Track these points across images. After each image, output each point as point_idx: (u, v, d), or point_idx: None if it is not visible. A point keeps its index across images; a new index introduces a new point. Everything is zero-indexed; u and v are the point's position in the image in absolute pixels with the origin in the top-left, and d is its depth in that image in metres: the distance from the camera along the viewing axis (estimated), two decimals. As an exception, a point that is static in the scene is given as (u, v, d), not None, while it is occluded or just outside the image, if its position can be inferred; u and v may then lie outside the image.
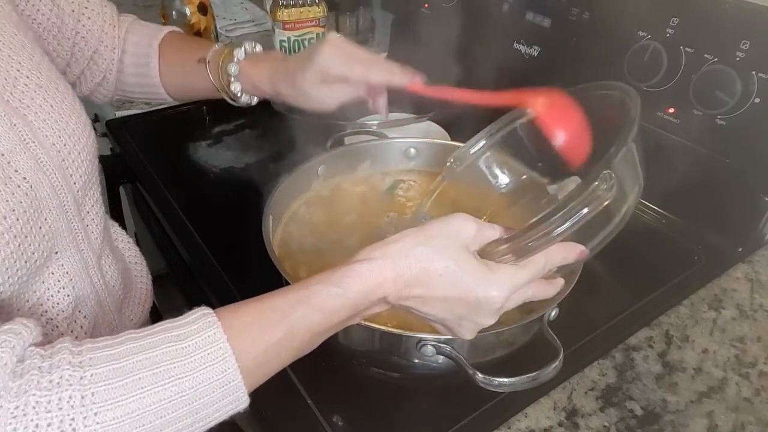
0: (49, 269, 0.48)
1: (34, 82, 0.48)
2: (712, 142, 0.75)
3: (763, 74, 0.69)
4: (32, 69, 0.49)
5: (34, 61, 0.50)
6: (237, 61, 0.67)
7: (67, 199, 0.48)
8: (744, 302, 0.69)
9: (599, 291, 0.69)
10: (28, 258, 0.44)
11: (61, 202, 0.48)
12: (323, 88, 0.63)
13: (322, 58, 0.61)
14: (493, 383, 0.49)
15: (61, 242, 0.49)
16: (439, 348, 0.51)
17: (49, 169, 0.46)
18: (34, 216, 0.44)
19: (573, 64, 0.86)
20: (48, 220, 0.46)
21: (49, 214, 0.46)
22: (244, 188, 0.89)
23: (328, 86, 0.64)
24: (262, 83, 0.68)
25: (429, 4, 1.14)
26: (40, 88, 0.49)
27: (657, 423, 0.55)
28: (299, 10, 1.15)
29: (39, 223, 0.45)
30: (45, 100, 0.48)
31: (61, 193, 0.48)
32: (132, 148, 0.95)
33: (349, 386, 0.59)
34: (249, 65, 0.68)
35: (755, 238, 0.77)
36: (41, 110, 0.48)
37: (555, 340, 0.52)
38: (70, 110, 0.51)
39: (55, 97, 0.49)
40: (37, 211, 0.45)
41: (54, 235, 0.47)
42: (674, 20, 0.76)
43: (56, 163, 0.47)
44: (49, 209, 0.46)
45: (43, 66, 0.51)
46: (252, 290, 0.67)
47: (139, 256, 0.68)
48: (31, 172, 0.44)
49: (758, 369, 0.61)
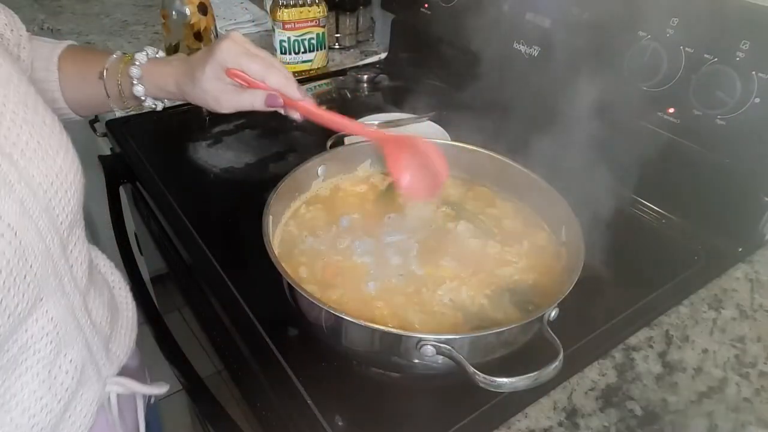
0: (33, 316, 0.46)
1: (20, 116, 0.45)
2: (712, 142, 0.75)
3: (763, 74, 0.69)
4: (18, 103, 0.46)
5: (21, 93, 0.47)
6: (139, 64, 0.66)
7: (53, 242, 0.46)
8: (744, 302, 0.69)
9: (599, 291, 0.69)
10: (11, 312, 0.42)
11: (47, 246, 0.45)
12: (219, 85, 0.62)
13: (221, 51, 0.60)
14: (493, 383, 0.49)
15: (47, 288, 0.46)
16: (439, 348, 0.51)
17: (35, 213, 0.44)
18: (18, 265, 0.42)
19: (573, 64, 0.86)
20: (33, 267, 0.43)
21: (34, 260, 0.43)
22: (244, 188, 0.89)
23: (224, 85, 0.62)
24: (167, 83, 0.66)
25: (429, 4, 1.14)
26: (27, 123, 0.46)
27: (657, 423, 0.55)
28: (299, 10, 1.15)
29: (24, 272, 0.42)
30: (32, 137, 0.45)
31: (47, 237, 0.45)
32: (132, 148, 0.95)
33: (349, 386, 0.59)
34: (152, 67, 0.66)
35: (755, 238, 0.77)
36: (27, 148, 0.45)
37: (555, 340, 0.52)
38: (57, 145, 0.48)
39: (41, 132, 0.47)
40: (22, 259, 0.42)
41: (39, 282, 0.45)
42: (674, 20, 0.76)
43: (42, 204, 0.45)
44: (35, 255, 0.43)
45: (29, 98, 0.48)
46: (252, 290, 0.68)
47: (123, 281, 0.66)
48: (16, 217, 0.42)
49: (758, 369, 0.61)
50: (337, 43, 1.38)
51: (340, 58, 1.35)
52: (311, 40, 1.20)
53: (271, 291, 0.60)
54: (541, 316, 0.53)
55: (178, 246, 0.77)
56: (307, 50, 1.21)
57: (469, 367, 0.49)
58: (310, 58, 1.22)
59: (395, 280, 0.63)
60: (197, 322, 0.73)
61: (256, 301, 0.66)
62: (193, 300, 0.75)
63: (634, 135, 0.77)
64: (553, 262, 0.67)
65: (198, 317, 0.73)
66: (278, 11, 1.15)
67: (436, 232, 0.71)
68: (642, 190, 0.85)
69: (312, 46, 1.20)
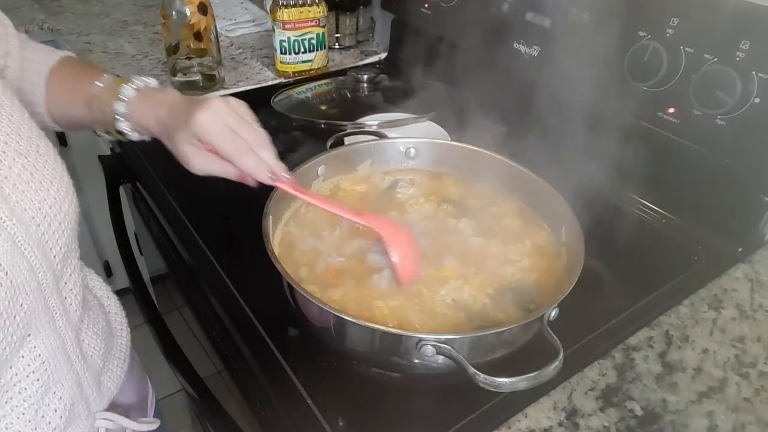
0: (18, 354, 0.44)
1: (12, 148, 0.43)
2: (712, 142, 0.75)
3: (763, 74, 0.69)
4: (11, 134, 0.44)
5: (14, 122, 0.45)
6: (126, 97, 0.62)
7: (45, 277, 0.44)
8: (744, 302, 0.69)
9: (599, 291, 0.69)
10: None
11: (39, 282, 0.43)
12: (191, 149, 0.59)
13: (196, 123, 0.56)
14: (493, 383, 0.49)
15: (36, 324, 0.44)
16: (439, 348, 0.51)
17: (27, 248, 0.42)
18: (9, 306, 0.40)
19: (573, 64, 0.86)
20: (24, 305, 0.41)
21: (25, 298, 0.41)
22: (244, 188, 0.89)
23: (198, 150, 0.59)
24: (150, 126, 0.63)
25: (429, 4, 1.14)
26: (20, 155, 0.43)
27: (657, 423, 0.55)
28: (299, 10, 1.15)
29: (13, 312, 0.40)
30: (24, 168, 0.43)
31: (40, 272, 0.43)
32: (132, 148, 0.95)
33: (349, 386, 0.59)
34: (139, 103, 0.63)
35: (755, 238, 0.77)
36: (20, 180, 0.43)
37: (555, 340, 0.52)
38: (51, 175, 0.46)
39: (35, 164, 0.44)
40: (12, 299, 0.40)
41: (29, 319, 0.43)
42: (674, 20, 0.76)
43: (35, 239, 0.42)
44: (26, 293, 0.41)
45: (23, 127, 0.46)
46: (252, 290, 0.68)
47: (118, 305, 0.64)
48: (7, 256, 0.40)
49: (758, 369, 0.61)
50: (337, 43, 1.38)
51: (340, 58, 1.35)
52: (311, 40, 1.20)
53: (271, 291, 0.60)
54: (541, 316, 0.53)
55: (178, 246, 0.77)
56: (307, 50, 1.21)
57: (469, 367, 0.49)
58: (310, 58, 1.22)
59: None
60: (197, 322, 0.73)
61: (256, 301, 0.66)
62: (193, 300, 0.75)
63: (634, 135, 0.77)
64: (554, 262, 0.67)
65: (198, 317, 0.73)
66: (278, 11, 1.15)
67: (439, 230, 0.71)
68: (642, 190, 0.85)
69: (312, 46, 1.21)
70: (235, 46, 1.38)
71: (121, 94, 0.62)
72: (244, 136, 0.58)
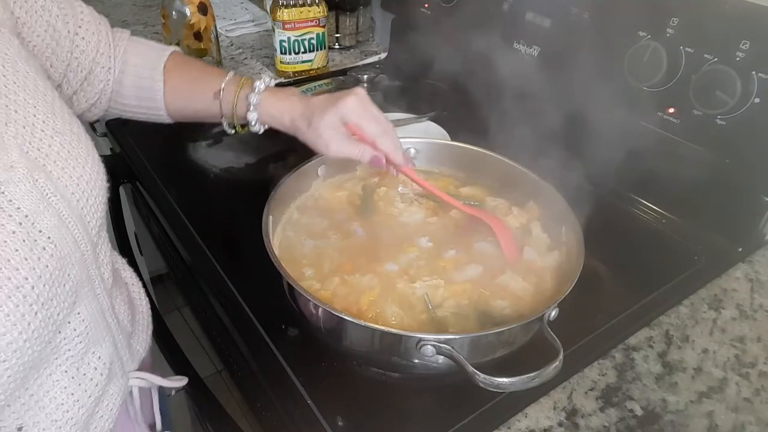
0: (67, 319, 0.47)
1: (50, 127, 0.46)
2: (712, 142, 0.75)
3: (763, 74, 0.69)
4: (47, 112, 0.47)
5: (48, 102, 0.48)
6: (258, 92, 0.70)
7: (87, 248, 0.47)
8: (744, 302, 0.69)
9: (599, 291, 0.69)
10: (54, 319, 0.43)
11: (82, 252, 0.46)
12: (333, 133, 0.66)
13: (345, 106, 0.65)
14: (493, 383, 0.49)
15: (81, 293, 0.47)
16: (439, 348, 0.51)
17: (71, 222, 0.45)
18: (59, 277, 0.43)
19: (573, 64, 0.86)
20: (71, 275, 0.45)
21: (71, 268, 0.45)
22: (244, 188, 0.89)
23: (337, 134, 0.66)
24: (283, 117, 0.70)
25: (429, 4, 1.14)
26: (57, 133, 0.46)
27: (657, 423, 0.55)
28: (299, 10, 1.15)
29: (63, 281, 0.44)
30: (62, 147, 0.46)
31: (82, 244, 0.46)
32: (132, 148, 0.95)
33: (349, 386, 0.59)
34: (269, 97, 0.70)
35: (755, 238, 0.77)
36: (60, 158, 0.45)
37: (555, 340, 0.52)
38: (86, 153, 0.49)
39: (71, 142, 0.47)
40: (62, 269, 0.43)
41: (77, 287, 0.46)
42: (674, 20, 0.76)
43: (76, 213, 0.46)
44: (72, 264, 0.45)
45: (56, 106, 0.49)
46: (252, 290, 0.68)
47: (135, 276, 0.67)
48: (55, 230, 0.43)
49: (758, 369, 0.61)
50: (337, 43, 1.38)
51: (340, 58, 1.35)
52: (311, 40, 1.20)
53: (271, 291, 0.60)
54: (541, 316, 0.53)
55: (178, 246, 0.77)
56: (307, 50, 1.21)
57: (469, 367, 0.49)
58: (310, 58, 1.22)
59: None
60: (197, 322, 0.73)
61: (256, 301, 0.66)
62: (193, 300, 0.75)
63: (634, 135, 0.77)
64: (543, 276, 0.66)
65: (198, 317, 0.73)
66: (278, 11, 1.15)
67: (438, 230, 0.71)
68: (642, 190, 0.85)
69: (312, 46, 1.21)
70: (235, 46, 1.38)
71: (255, 87, 0.70)
72: (381, 118, 0.67)
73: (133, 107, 0.74)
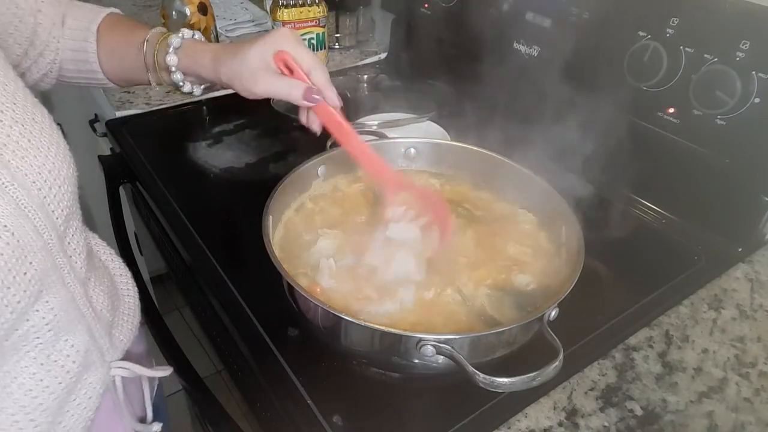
0: (34, 308, 0.47)
1: (9, 116, 0.46)
2: (712, 142, 0.75)
3: (763, 74, 0.69)
4: (7, 102, 0.46)
5: (9, 90, 0.47)
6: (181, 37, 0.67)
7: (51, 237, 0.47)
8: (744, 302, 0.69)
9: (599, 291, 0.69)
10: (14, 307, 0.44)
11: (45, 241, 0.46)
12: (261, 64, 0.61)
13: (279, 34, 0.62)
14: (493, 383, 0.49)
15: (47, 281, 0.47)
16: (439, 348, 0.51)
17: (30, 211, 0.45)
18: (18, 264, 0.43)
19: (573, 64, 0.86)
20: (33, 263, 0.45)
21: (33, 256, 0.45)
22: (244, 188, 0.89)
23: (265, 66, 0.62)
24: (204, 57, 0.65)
25: (429, 4, 1.14)
26: (17, 122, 0.46)
27: (657, 423, 0.55)
28: (299, 10, 1.15)
29: (24, 269, 0.44)
30: (22, 135, 0.46)
31: (45, 233, 0.46)
32: (132, 148, 0.95)
33: (349, 386, 0.59)
34: (193, 43, 0.67)
35: (755, 238, 0.77)
36: (19, 147, 0.45)
37: (555, 340, 0.52)
38: (48, 142, 0.48)
39: (32, 130, 0.47)
40: (20, 257, 0.44)
41: (41, 276, 0.46)
42: (674, 20, 0.76)
43: (37, 202, 0.45)
44: (33, 252, 0.45)
45: (18, 95, 0.48)
46: (252, 290, 0.68)
47: (123, 267, 0.67)
48: (11, 218, 0.43)
49: (758, 369, 0.61)
50: (337, 43, 1.38)
51: (340, 58, 1.35)
52: (311, 40, 1.20)
53: (271, 291, 0.60)
54: (541, 316, 0.53)
55: (178, 246, 0.77)
56: (307, 50, 1.21)
57: (469, 367, 0.49)
58: (310, 58, 1.22)
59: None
60: (197, 322, 0.73)
61: (256, 301, 0.66)
62: (193, 300, 0.75)
63: (634, 135, 0.77)
64: (553, 263, 0.67)
65: (198, 317, 0.73)
66: (278, 11, 1.15)
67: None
68: (642, 190, 0.85)
69: (312, 46, 1.20)
70: (235, 46, 1.38)
71: (180, 33, 0.67)
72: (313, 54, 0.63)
73: (72, 72, 0.72)
